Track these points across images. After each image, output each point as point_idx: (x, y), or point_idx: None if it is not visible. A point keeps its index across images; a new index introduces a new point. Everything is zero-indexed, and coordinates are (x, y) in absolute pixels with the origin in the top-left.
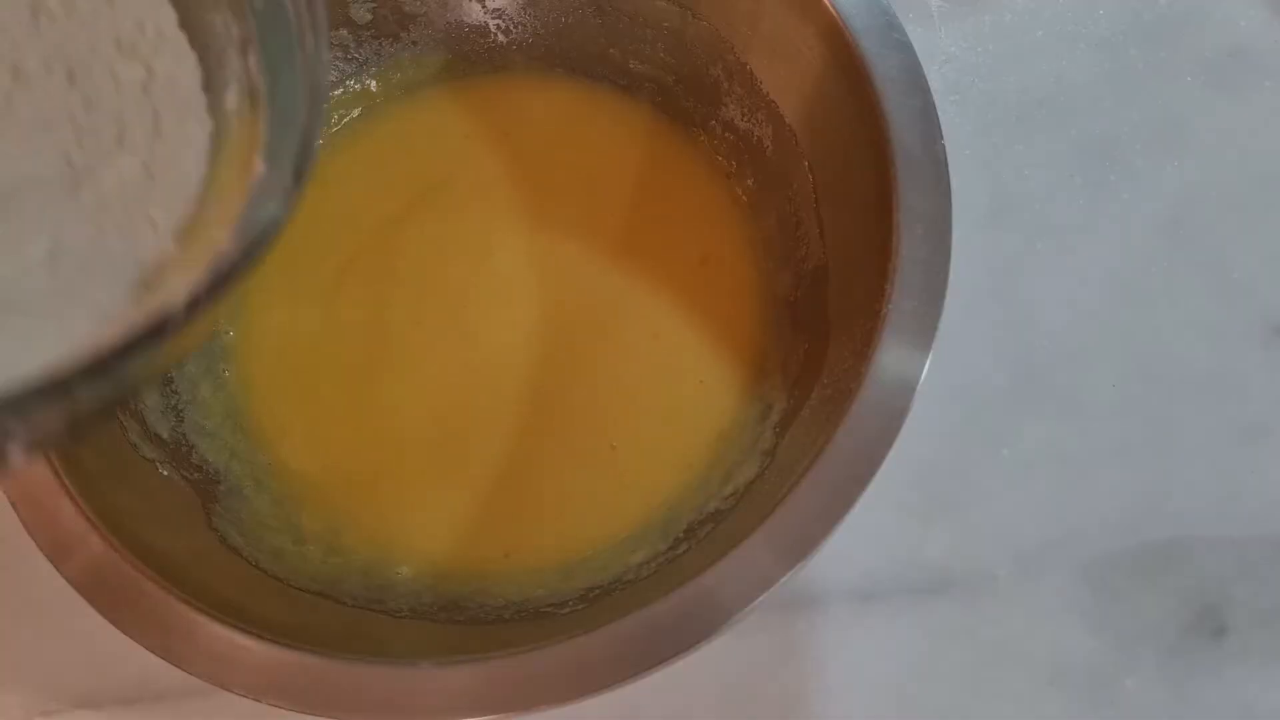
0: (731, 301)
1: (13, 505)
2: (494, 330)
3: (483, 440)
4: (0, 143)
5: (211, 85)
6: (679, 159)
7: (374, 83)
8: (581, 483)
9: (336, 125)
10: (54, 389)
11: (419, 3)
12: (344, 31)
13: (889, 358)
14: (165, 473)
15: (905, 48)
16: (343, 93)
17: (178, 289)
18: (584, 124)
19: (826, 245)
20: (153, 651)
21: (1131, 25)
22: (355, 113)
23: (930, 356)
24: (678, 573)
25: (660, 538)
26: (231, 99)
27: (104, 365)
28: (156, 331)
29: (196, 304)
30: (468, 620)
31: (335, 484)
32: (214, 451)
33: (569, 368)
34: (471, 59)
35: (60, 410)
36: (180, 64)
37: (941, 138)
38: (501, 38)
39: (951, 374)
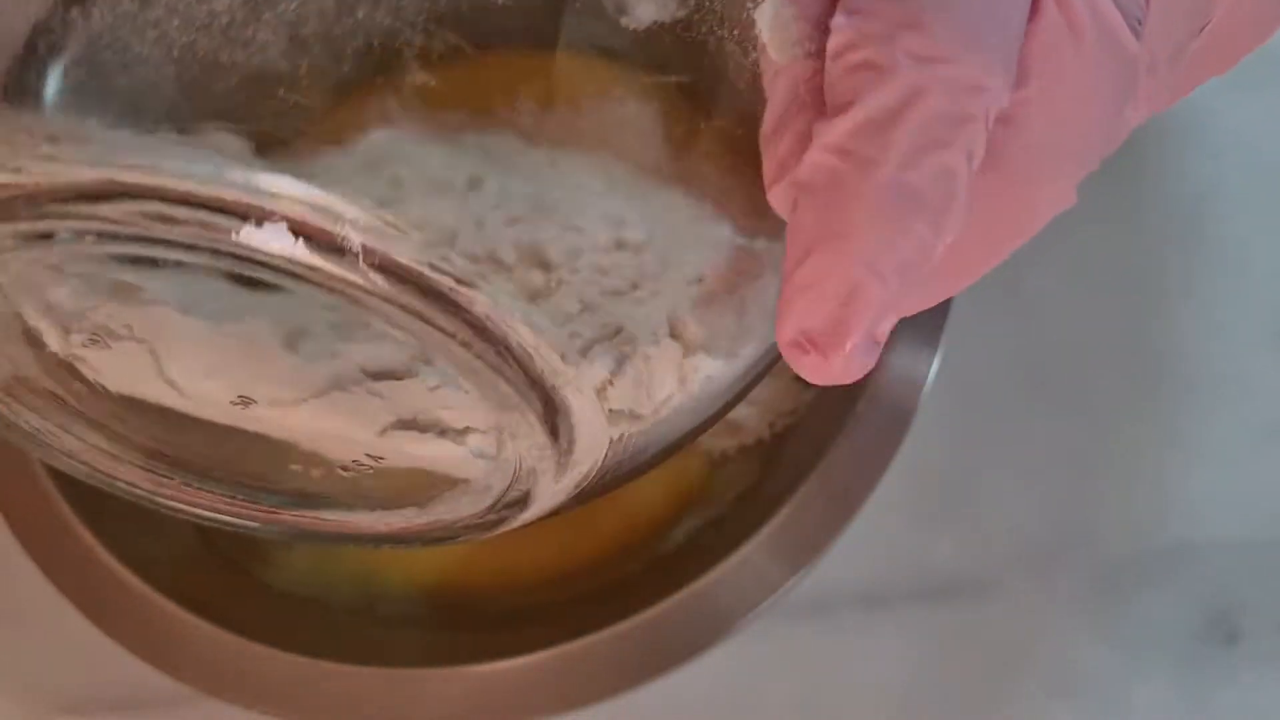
0: None
1: (1, 511)
2: None
3: None
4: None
5: None
6: None
7: None
8: None
9: None
10: None
11: None
12: None
13: (895, 357)
14: None
15: None
16: None
17: None
18: None
19: None
20: (142, 658)
21: None
22: None
23: (938, 356)
24: (679, 579)
25: (661, 544)
26: None
27: None
28: None
29: None
30: (462, 626)
31: None
32: None
33: None
34: None
35: None
36: None
37: None
38: None
39: (959, 373)
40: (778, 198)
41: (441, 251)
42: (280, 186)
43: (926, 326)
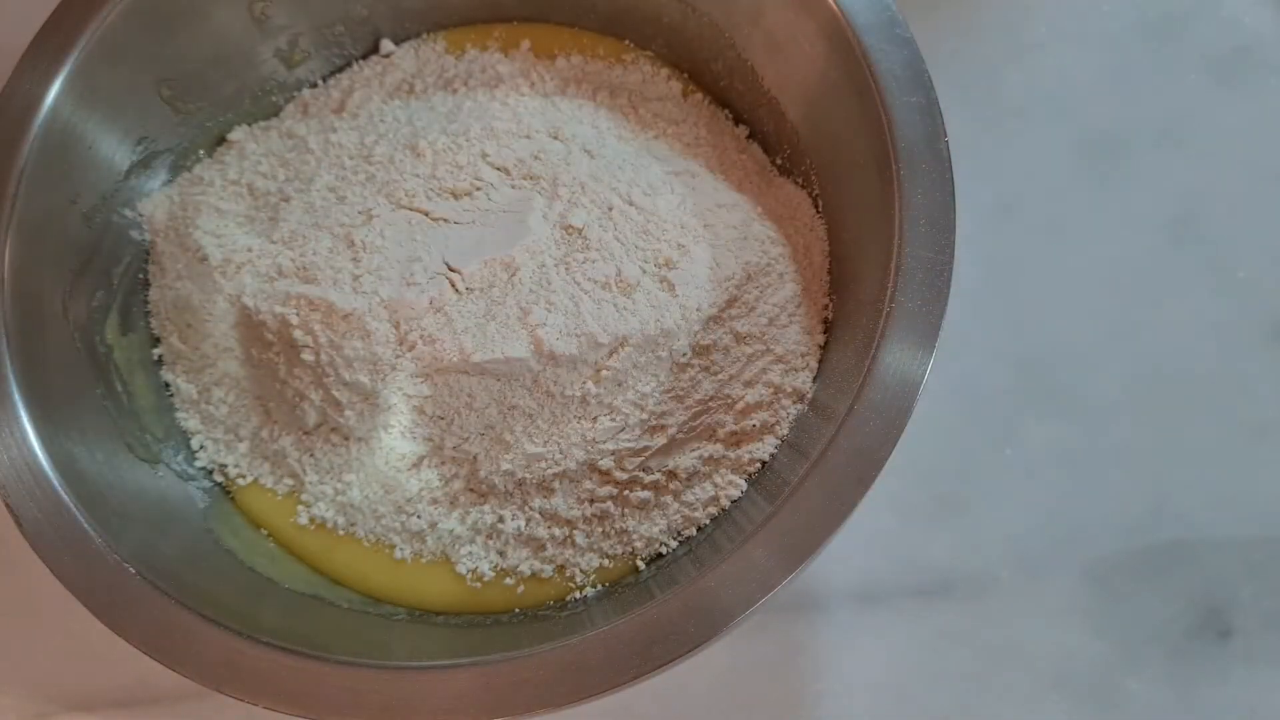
0: None
1: (9, 508)
2: None
3: None
4: None
5: None
6: None
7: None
8: None
9: None
10: None
11: None
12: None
13: (892, 358)
14: (161, 474)
15: (908, 44)
16: None
17: None
18: None
19: (828, 243)
20: (147, 654)
21: (1136, 21)
22: None
23: (934, 356)
24: (678, 575)
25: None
26: None
27: None
28: None
29: None
30: (464, 624)
31: None
32: (207, 454)
33: None
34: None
35: None
36: None
37: (945, 135)
38: None
39: (954, 374)
40: None
41: None
42: None
43: (922, 328)
